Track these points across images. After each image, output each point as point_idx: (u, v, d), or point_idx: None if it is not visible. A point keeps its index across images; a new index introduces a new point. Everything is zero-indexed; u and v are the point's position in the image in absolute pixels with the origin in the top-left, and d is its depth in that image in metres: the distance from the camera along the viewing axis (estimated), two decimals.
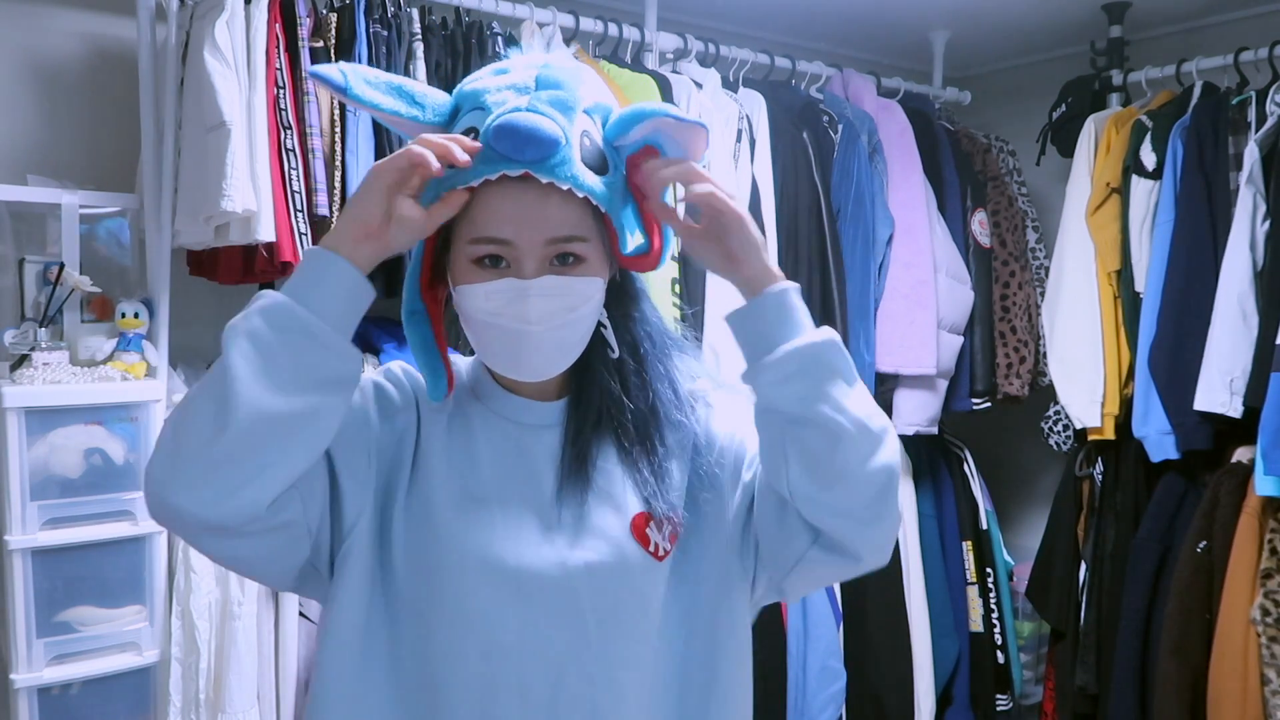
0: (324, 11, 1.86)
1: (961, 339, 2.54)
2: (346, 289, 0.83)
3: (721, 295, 2.07)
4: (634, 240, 0.95)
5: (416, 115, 0.90)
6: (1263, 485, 2.02)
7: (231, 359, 0.79)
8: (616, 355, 0.98)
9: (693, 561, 0.97)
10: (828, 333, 0.87)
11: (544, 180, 0.84)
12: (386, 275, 1.91)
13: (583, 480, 0.94)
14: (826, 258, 2.28)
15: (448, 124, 0.91)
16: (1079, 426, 2.44)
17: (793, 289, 0.89)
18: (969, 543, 2.63)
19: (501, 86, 0.88)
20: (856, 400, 0.86)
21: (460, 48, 1.97)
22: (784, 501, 0.89)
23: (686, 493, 0.98)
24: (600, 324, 0.97)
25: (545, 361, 0.92)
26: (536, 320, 0.87)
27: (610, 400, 0.97)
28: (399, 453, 0.94)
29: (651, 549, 0.94)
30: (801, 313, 0.88)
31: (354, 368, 0.84)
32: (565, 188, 0.85)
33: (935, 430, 2.53)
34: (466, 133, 0.87)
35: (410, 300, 0.95)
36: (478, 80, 0.92)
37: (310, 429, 0.82)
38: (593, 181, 0.87)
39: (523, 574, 0.90)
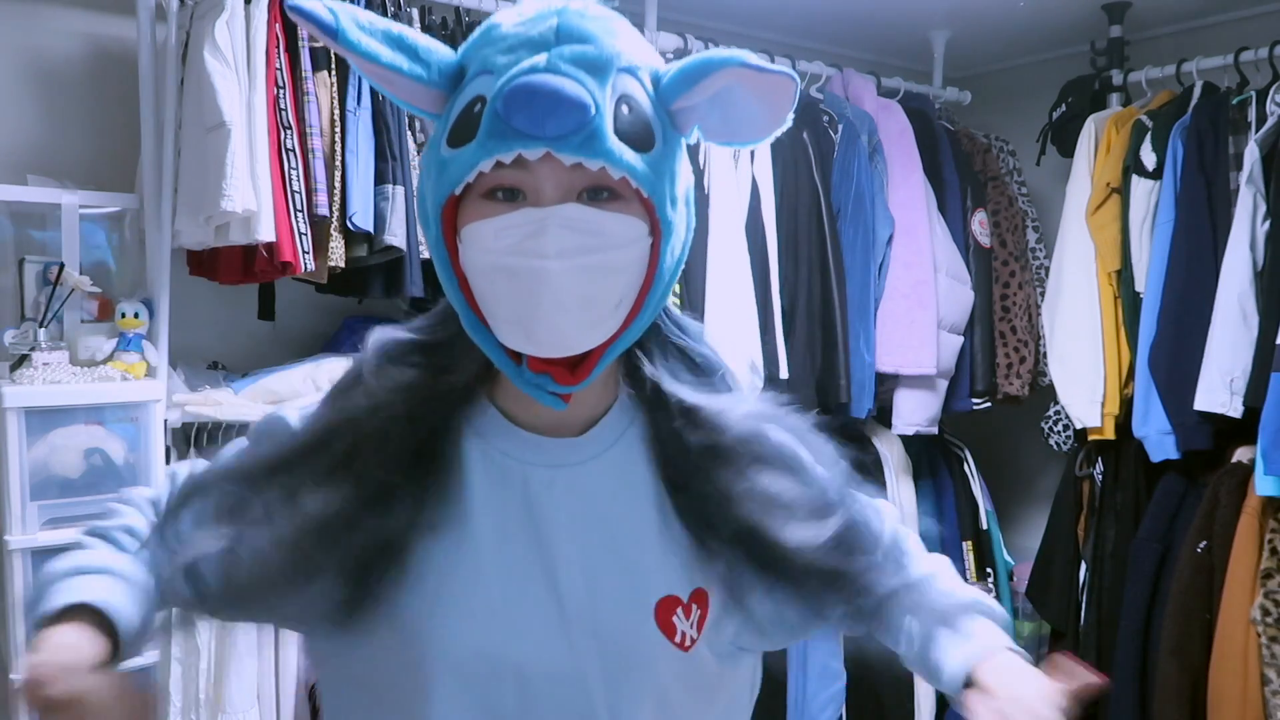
0: None
1: (961, 339, 2.54)
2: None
3: (722, 295, 2.08)
4: (678, 241, 0.77)
5: (420, 74, 0.73)
6: (1263, 485, 2.02)
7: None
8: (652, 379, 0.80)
9: (720, 643, 0.82)
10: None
11: (569, 162, 0.69)
12: (386, 275, 1.91)
13: (605, 548, 0.78)
14: (826, 258, 2.28)
15: (452, 89, 0.74)
16: (1079, 426, 2.44)
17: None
18: (969, 543, 2.63)
19: (515, 43, 0.71)
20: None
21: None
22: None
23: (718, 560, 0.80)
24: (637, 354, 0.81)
25: (565, 320, 0.71)
26: (555, 254, 0.69)
27: (652, 437, 0.81)
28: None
29: (677, 639, 0.78)
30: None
31: None
32: (597, 167, 0.69)
33: (935, 430, 2.53)
34: (472, 104, 0.71)
35: (464, 313, 0.76)
36: (486, 31, 0.74)
37: None
38: (631, 158, 0.70)
39: (525, 670, 0.75)
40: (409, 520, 0.75)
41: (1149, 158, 2.33)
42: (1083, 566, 2.52)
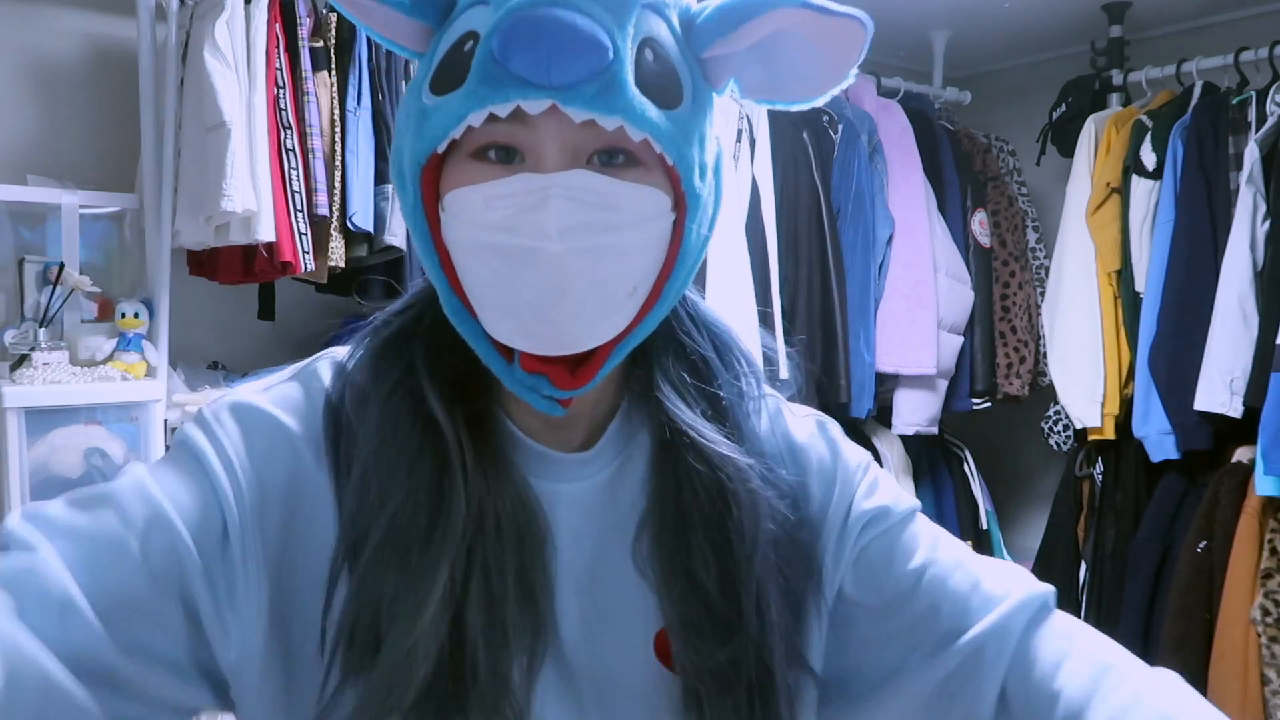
0: (324, 11, 1.86)
1: (961, 339, 2.54)
2: None
3: (722, 291, 2.07)
4: (706, 217, 0.63)
5: (401, 2, 0.59)
6: (1263, 485, 2.02)
7: None
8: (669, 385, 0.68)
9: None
10: None
11: (579, 118, 0.56)
12: (386, 275, 1.91)
13: (602, 580, 0.67)
14: (826, 258, 2.28)
15: (440, 21, 0.61)
16: (1079, 426, 2.44)
17: None
18: (969, 543, 2.63)
19: None
20: None
21: None
22: None
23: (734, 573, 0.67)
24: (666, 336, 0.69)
25: (568, 312, 0.58)
26: (558, 232, 0.56)
27: (654, 455, 0.68)
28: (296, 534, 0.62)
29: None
30: None
31: None
32: (614, 126, 0.56)
33: (935, 430, 2.53)
34: (463, 41, 0.58)
35: (445, 297, 0.63)
36: None
37: None
38: (656, 116, 0.57)
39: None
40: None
41: (1149, 158, 2.33)
42: (1083, 566, 2.52)
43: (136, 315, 1.80)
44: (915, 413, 2.45)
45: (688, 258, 0.63)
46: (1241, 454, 2.19)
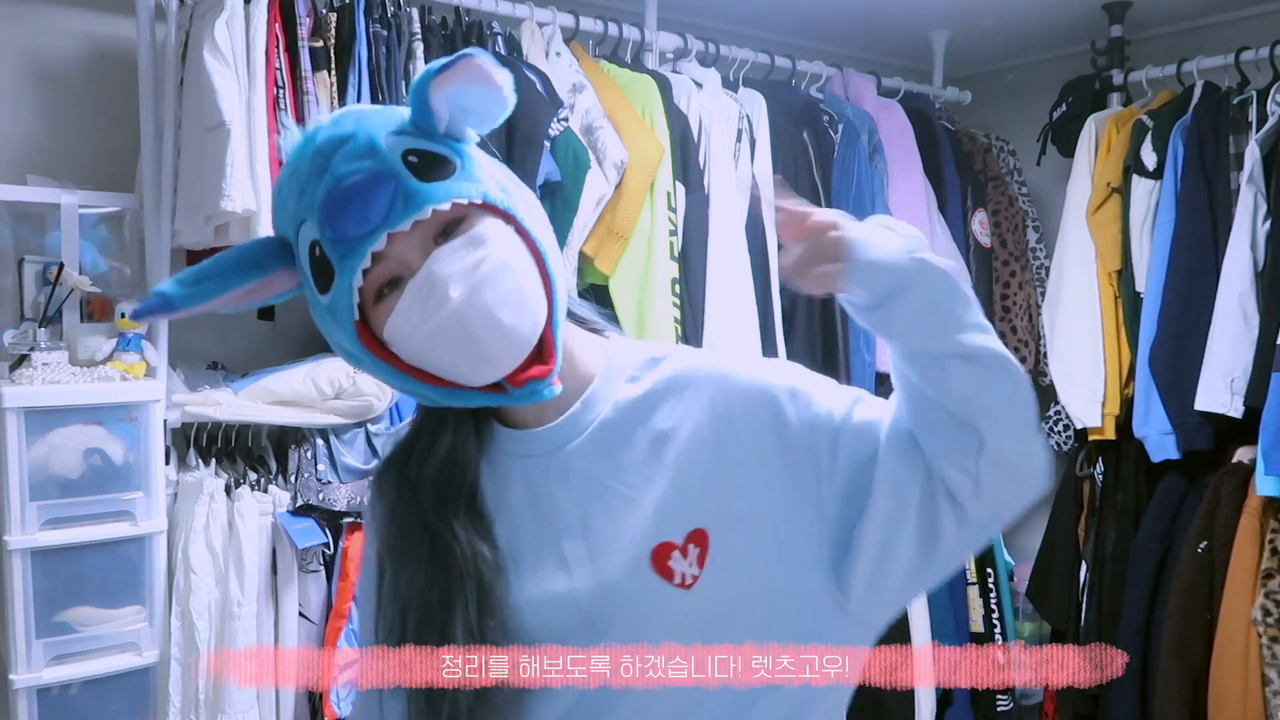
0: (324, 11, 1.86)
1: None
2: None
3: (722, 295, 2.07)
4: (532, 212, 0.84)
5: (263, 274, 0.83)
6: (1263, 485, 2.02)
7: None
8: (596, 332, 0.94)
9: (739, 575, 0.86)
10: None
11: (407, 228, 0.77)
12: None
13: (600, 513, 0.86)
14: None
15: (292, 260, 0.83)
16: (1079, 426, 2.44)
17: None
18: None
19: (300, 186, 0.80)
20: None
21: (460, 47, 1.97)
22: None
23: (716, 487, 0.86)
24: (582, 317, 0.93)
25: (503, 327, 0.79)
26: (453, 289, 0.77)
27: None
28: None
29: (677, 581, 0.83)
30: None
31: None
32: (428, 214, 0.77)
33: None
34: (312, 251, 0.80)
35: (437, 395, 0.84)
36: (278, 192, 0.84)
37: None
38: (446, 188, 0.78)
39: (556, 637, 0.84)
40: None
41: (1149, 157, 2.33)
42: (1083, 566, 2.52)
43: None
44: None
45: (543, 245, 0.83)
46: (1242, 454, 2.19)
